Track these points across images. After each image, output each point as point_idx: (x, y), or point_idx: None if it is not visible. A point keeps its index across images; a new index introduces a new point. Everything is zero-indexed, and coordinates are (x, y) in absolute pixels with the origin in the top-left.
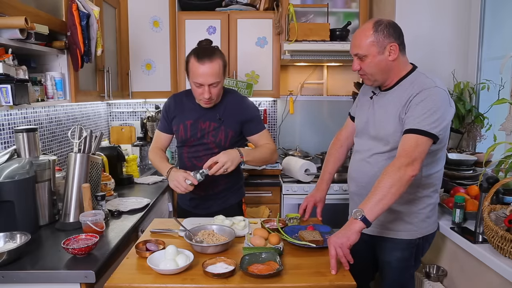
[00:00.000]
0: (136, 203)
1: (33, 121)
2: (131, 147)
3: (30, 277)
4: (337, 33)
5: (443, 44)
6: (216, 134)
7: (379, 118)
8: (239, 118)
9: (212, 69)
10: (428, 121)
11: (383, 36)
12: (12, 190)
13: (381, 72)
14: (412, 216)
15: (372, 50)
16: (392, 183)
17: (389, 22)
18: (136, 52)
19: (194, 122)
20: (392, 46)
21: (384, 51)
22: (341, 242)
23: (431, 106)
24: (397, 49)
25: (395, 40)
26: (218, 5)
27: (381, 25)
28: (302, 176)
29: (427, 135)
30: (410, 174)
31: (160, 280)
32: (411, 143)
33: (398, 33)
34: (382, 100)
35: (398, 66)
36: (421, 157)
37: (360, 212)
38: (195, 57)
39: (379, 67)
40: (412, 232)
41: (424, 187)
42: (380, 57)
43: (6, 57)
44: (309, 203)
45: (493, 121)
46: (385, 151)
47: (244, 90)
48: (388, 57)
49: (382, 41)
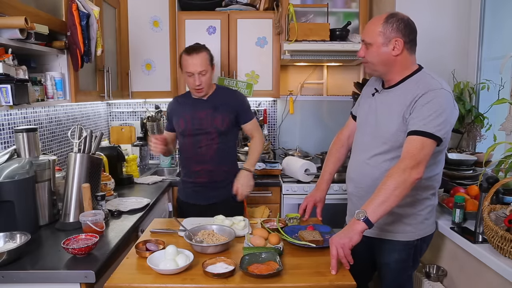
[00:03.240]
0: (136, 203)
1: (33, 121)
2: (131, 147)
3: (30, 277)
4: (337, 33)
5: (443, 44)
6: (212, 120)
7: (381, 116)
8: (233, 106)
9: (200, 59)
10: (434, 124)
11: (391, 29)
12: (12, 190)
13: (381, 64)
14: (411, 218)
15: (378, 40)
16: (397, 185)
17: (403, 18)
18: (136, 52)
19: (192, 114)
20: (397, 40)
21: (389, 44)
22: (343, 242)
23: (437, 108)
24: (402, 45)
25: (402, 36)
26: (218, 5)
27: (393, 18)
28: (302, 176)
29: (432, 137)
30: (414, 177)
31: (160, 280)
32: (416, 145)
33: (409, 31)
34: (385, 98)
35: (401, 63)
36: (426, 159)
37: (363, 213)
38: (185, 52)
39: (381, 58)
40: (410, 234)
41: (424, 189)
42: (383, 48)
43: (6, 57)
44: (309, 203)
45: (493, 121)
46: (384, 151)
47: (244, 90)
48: (392, 51)
49: (389, 34)
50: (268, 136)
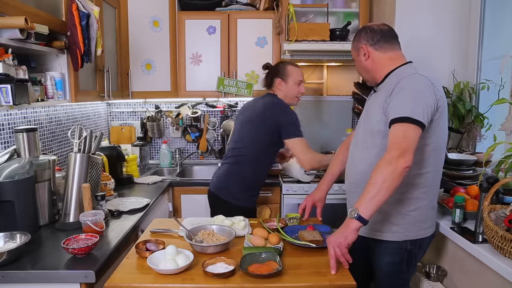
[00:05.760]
0: (136, 203)
1: (33, 121)
2: (131, 147)
3: (30, 277)
4: (337, 33)
5: (443, 44)
6: None
7: (370, 112)
8: None
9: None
10: (410, 107)
11: (357, 41)
12: (12, 190)
13: (364, 72)
14: (399, 217)
15: (354, 53)
16: (385, 178)
17: (368, 26)
18: (136, 52)
19: None
20: (362, 47)
21: (360, 53)
22: (339, 241)
23: (412, 92)
24: (367, 49)
25: (366, 42)
26: (218, 5)
27: (360, 31)
28: (302, 176)
29: (412, 122)
30: (402, 166)
31: (160, 280)
32: (398, 134)
33: (372, 35)
34: (375, 96)
35: (377, 63)
36: (412, 147)
37: (355, 211)
38: (290, 64)
39: (360, 67)
40: (398, 234)
41: (413, 187)
42: (358, 58)
43: (6, 57)
44: (308, 202)
45: (493, 121)
46: (371, 145)
47: (244, 90)
48: (363, 57)
49: (356, 45)
50: None
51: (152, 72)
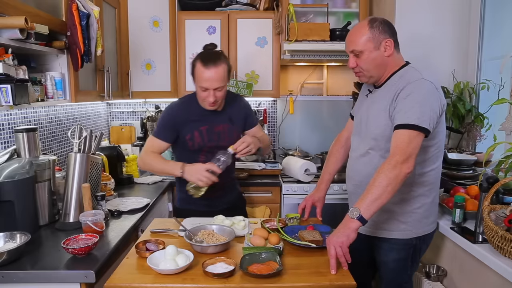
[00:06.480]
0: (136, 203)
1: (33, 121)
2: (131, 147)
3: (30, 277)
4: (337, 33)
5: (443, 44)
6: (230, 135)
7: (371, 114)
8: (242, 115)
9: (217, 74)
10: (416, 114)
11: (379, 32)
12: (12, 190)
13: (377, 68)
14: (406, 215)
15: (368, 45)
16: (389, 181)
17: (383, 20)
18: (136, 52)
19: (209, 127)
20: (387, 42)
21: (380, 47)
22: (342, 241)
23: (418, 99)
24: (392, 45)
25: (390, 37)
26: (218, 5)
27: (376, 22)
28: (302, 176)
29: (418, 129)
30: (405, 171)
31: (160, 280)
32: (403, 139)
33: (392, 31)
34: (375, 96)
35: (393, 62)
36: (415, 152)
37: (357, 211)
38: (201, 62)
39: (375, 62)
40: (406, 232)
41: (418, 186)
42: (376, 52)
43: (6, 57)
44: (307, 202)
45: (493, 121)
46: (374, 147)
47: (244, 90)
48: (384, 52)
49: (378, 37)
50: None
51: (152, 72)
